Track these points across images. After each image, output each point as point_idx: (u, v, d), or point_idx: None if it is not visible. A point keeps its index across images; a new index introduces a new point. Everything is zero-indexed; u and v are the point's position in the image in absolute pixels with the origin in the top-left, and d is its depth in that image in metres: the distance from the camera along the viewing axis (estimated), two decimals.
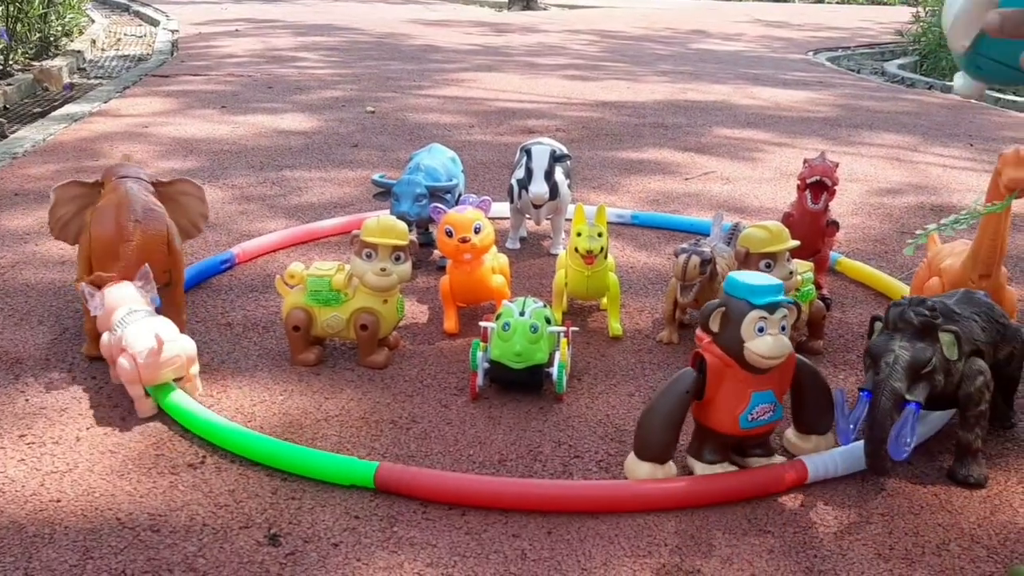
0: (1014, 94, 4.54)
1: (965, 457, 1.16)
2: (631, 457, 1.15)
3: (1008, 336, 1.20)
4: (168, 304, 1.47)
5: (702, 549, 1.06)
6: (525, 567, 1.02)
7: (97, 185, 1.51)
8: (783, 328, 1.11)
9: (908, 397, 1.08)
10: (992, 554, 1.06)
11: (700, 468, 1.16)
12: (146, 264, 1.39)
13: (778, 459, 1.19)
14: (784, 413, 1.19)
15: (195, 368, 1.35)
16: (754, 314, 1.09)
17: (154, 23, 6.71)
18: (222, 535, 1.06)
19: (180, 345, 1.31)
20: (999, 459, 1.25)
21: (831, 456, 1.17)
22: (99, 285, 1.37)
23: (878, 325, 1.15)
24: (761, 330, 1.09)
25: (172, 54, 5.07)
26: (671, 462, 1.15)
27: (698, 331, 1.15)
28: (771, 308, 1.09)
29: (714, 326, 1.11)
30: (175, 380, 1.32)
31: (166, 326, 1.32)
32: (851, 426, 1.11)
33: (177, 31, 6.04)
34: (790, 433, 1.24)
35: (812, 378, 1.18)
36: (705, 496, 1.13)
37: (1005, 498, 1.17)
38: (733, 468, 1.17)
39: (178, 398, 1.30)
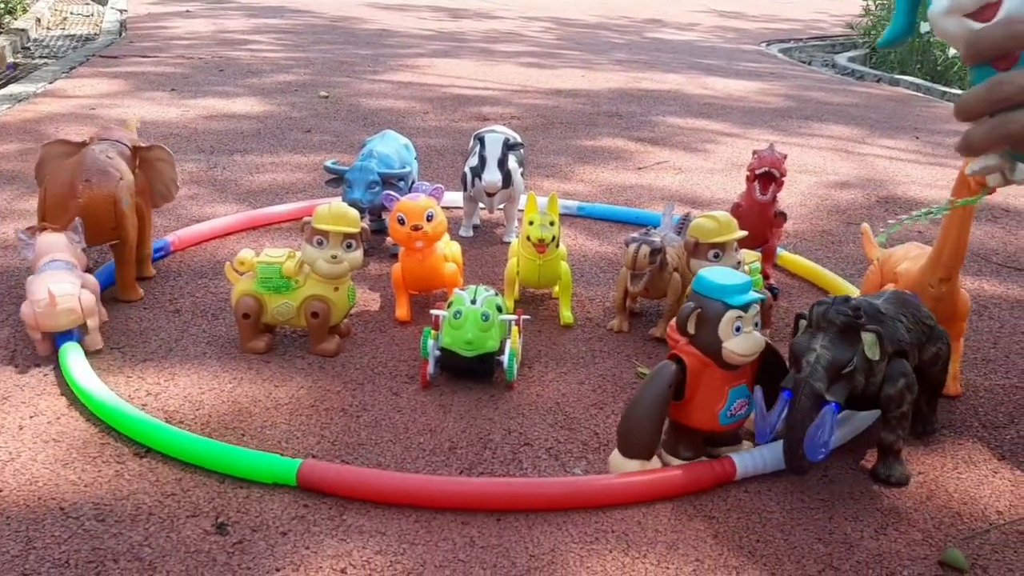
0: (959, 88, 4.64)
1: (887, 457, 1.18)
2: (615, 454, 1.15)
3: (934, 337, 1.22)
4: (118, 261, 1.61)
5: (648, 535, 1.07)
6: (474, 554, 1.03)
7: (82, 145, 1.60)
8: (756, 324, 1.12)
9: (828, 397, 1.08)
10: (927, 537, 1.09)
11: (676, 464, 1.18)
12: (78, 218, 1.49)
13: (746, 444, 1.22)
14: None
15: (93, 321, 1.42)
16: (731, 314, 1.10)
17: (102, 2, 6.56)
18: (168, 524, 1.06)
19: (75, 298, 1.38)
20: (935, 444, 1.29)
21: (759, 453, 1.18)
22: (50, 228, 1.48)
23: (802, 323, 1.15)
24: (738, 329, 1.10)
25: (120, 34, 4.97)
26: (656, 457, 1.16)
27: (670, 332, 1.17)
28: (746, 307, 1.10)
29: (691, 328, 1.12)
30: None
31: (67, 279, 1.40)
32: (769, 428, 1.12)
33: (126, 11, 5.91)
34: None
35: (773, 356, 1.20)
36: (625, 495, 1.13)
37: (940, 483, 1.20)
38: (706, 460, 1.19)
39: (92, 385, 1.28)
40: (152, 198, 1.71)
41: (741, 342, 1.11)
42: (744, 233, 1.50)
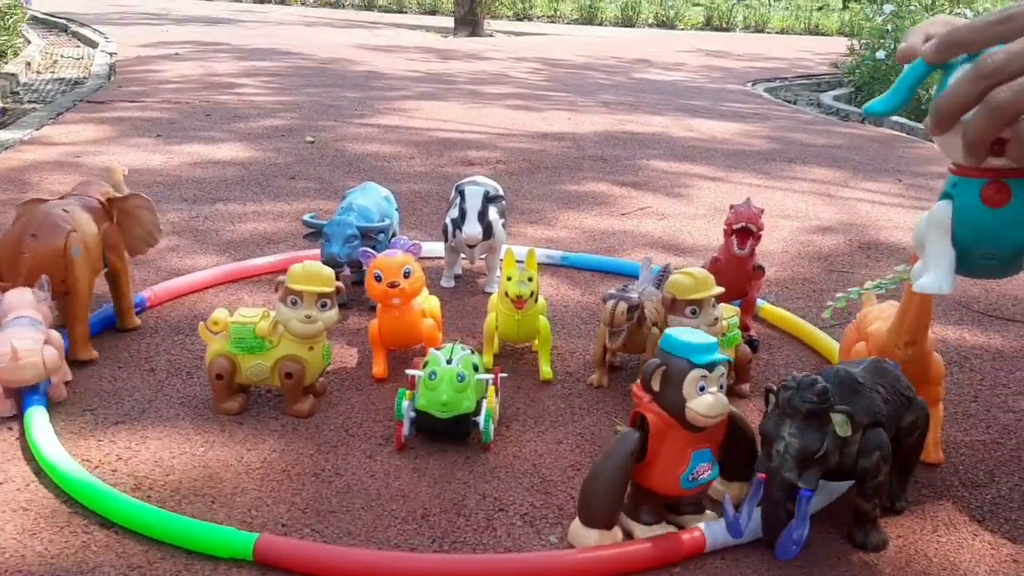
0: None
1: (864, 524, 1.17)
2: (576, 524, 1.13)
3: (912, 408, 1.21)
4: (68, 317, 1.58)
5: None
6: None
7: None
8: (721, 386, 1.11)
9: (800, 484, 1.07)
10: None
11: (640, 530, 1.15)
12: (44, 275, 1.49)
13: (709, 515, 1.19)
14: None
15: (56, 378, 1.44)
16: (695, 373, 1.08)
17: (92, 44, 6.61)
18: None
19: (38, 353, 1.38)
20: (915, 506, 1.27)
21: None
22: (13, 285, 1.48)
23: (771, 398, 1.13)
24: (702, 389, 1.09)
25: (109, 78, 5.00)
26: (617, 528, 1.14)
27: (635, 389, 1.14)
28: (710, 366, 1.09)
29: (655, 385, 1.10)
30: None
31: (30, 335, 1.39)
32: (741, 522, 1.10)
33: (115, 54, 5.95)
34: (715, 481, 1.24)
35: (739, 428, 1.18)
36: (593, 570, 1.10)
37: (919, 547, 1.19)
38: (671, 528, 1.16)
39: (52, 453, 1.27)
40: (134, 246, 1.72)
41: (705, 402, 1.09)
42: (721, 289, 1.49)
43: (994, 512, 1.27)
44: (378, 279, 1.54)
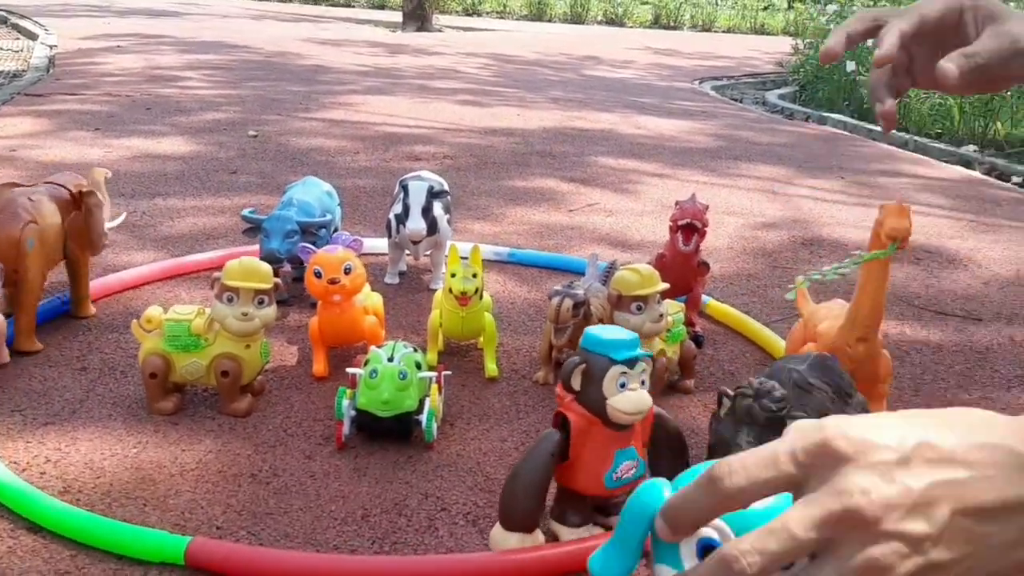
0: None
1: None
2: (497, 528, 1.10)
3: (852, 406, 1.21)
4: (16, 307, 1.56)
5: None
6: None
7: (14, 186, 1.60)
8: (643, 382, 1.09)
9: None
10: None
11: (566, 532, 1.13)
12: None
13: None
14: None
15: None
16: (615, 369, 1.06)
17: (32, 37, 6.43)
18: None
19: None
20: None
21: None
22: None
23: (726, 401, 1.12)
24: (623, 385, 1.07)
25: (49, 71, 4.86)
26: (539, 530, 1.11)
27: (558, 389, 1.12)
28: (631, 363, 1.07)
29: (575, 384, 1.08)
30: None
31: None
32: None
33: (55, 46, 5.79)
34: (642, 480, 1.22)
35: (668, 432, 1.17)
36: (521, 571, 1.08)
37: None
38: (598, 530, 1.14)
39: None
40: (91, 244, 1.70)
41: (626, 399, 1.07)
42: (666, 286, 1.49)
43: None
44: (318, 275, 1.51)
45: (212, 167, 2.91)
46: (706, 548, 0.70)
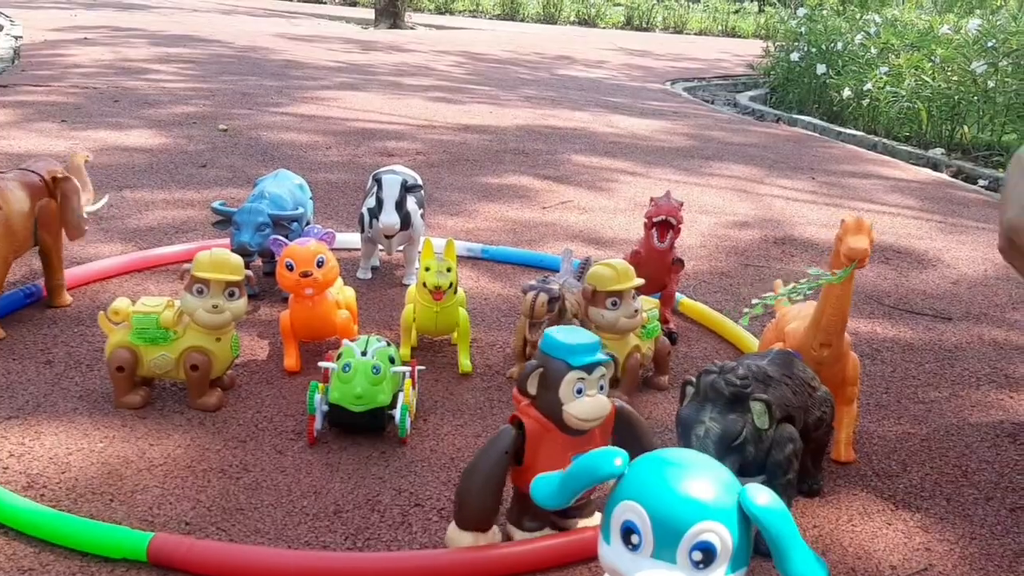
0: (855, 128, 4.80)
1: None
2: (452, 527, 1.08)
3: (818, 400, 1.20)
4: None
5: None
6: None
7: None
8: (601, 387, 1.07)
9: None
10: None
11: (519, 535, 1.12)
12: None
13: (597, 516, 1.15)
14: None
15: None
16: (572, 375, 1.04)
17: None
18: None
19: None
20: (831, 496, 1.28)
21: None
22: None
23: (690, 390, 1.11)
24: (580, 391, 1.05)
25: (13, 62, 4.77)
26: (495, 528, 1.10)
27: (514, 392, 1.10)
28: (589, 368, 1.05)
29: (531, 388, 1.06)
30: None
31: None
32: None
33: (21, 37, 5.69)
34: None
35: (629, 426, 1.14)
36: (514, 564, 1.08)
37: (835, 537, 1.19)
38: (553, 532, 1.13)
39: None
40: (69, 230, 1.68)
41: (582, 405, 1.05)
42: (641, 281, 1.48)
43: (906, 501, 1.29)
44: (290, 268, 1.49)
45: (181, 160, 2.87)
46: (627, 530, 0.76)
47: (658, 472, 0.77)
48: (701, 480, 0.76)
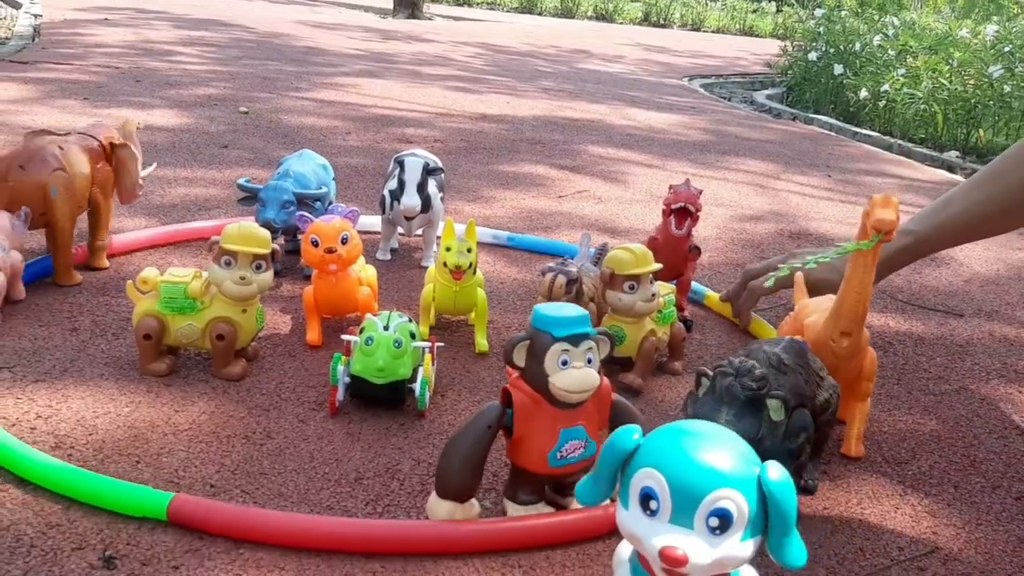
0: (871, 129, 4.81)
1: None
2: (432, 496, 1.10)
3: (825, 386, 1.20)
4: (51, 247, 1.69)
5: (555, 570, 1.06)
6: None
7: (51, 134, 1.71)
8: (589, 360, 1.08)
9: None
10: (831, 572, 1.10)
11: (513, 509, 1.14)
12: (24, 207, 1.59)
13: None
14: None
15: None
16: (557, 347, 1.05)
17: (16, 6, 6.36)
18: (51, 557, 1.00)
19: None
20: (842, 480, 1.31)
21: None
22: None
23: (705, 382, 1.10)
24: (565, 363, 1.06)
25: (34, 40, 4.82)
26: (473, 501, 1.11)
27: (508, 366, 1.11)
28: (575, 340, 1.06)
29: (519, 360, 1.08)
30: None
31: None
32: None
33: (40, 16, 5.74)
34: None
35: (626, 417, 1.15)
36: (519, 539, 1.10)
37: (845, 519, 1.22)
38: (549, 508, 1.14)
39: None
40: (123, 194, 1.80)
41: (567, 377, 1.06)
42: (660, 266, 1.51)
43: (915, 487, 1.31)
44: (315, 244, 1.51)
45: (203, 140, 2.90)
46: (645, 496, 0.77)
47: (677, 441, 0.79)
48: (720, 449, 0.78)
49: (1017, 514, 1.26)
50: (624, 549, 0.90)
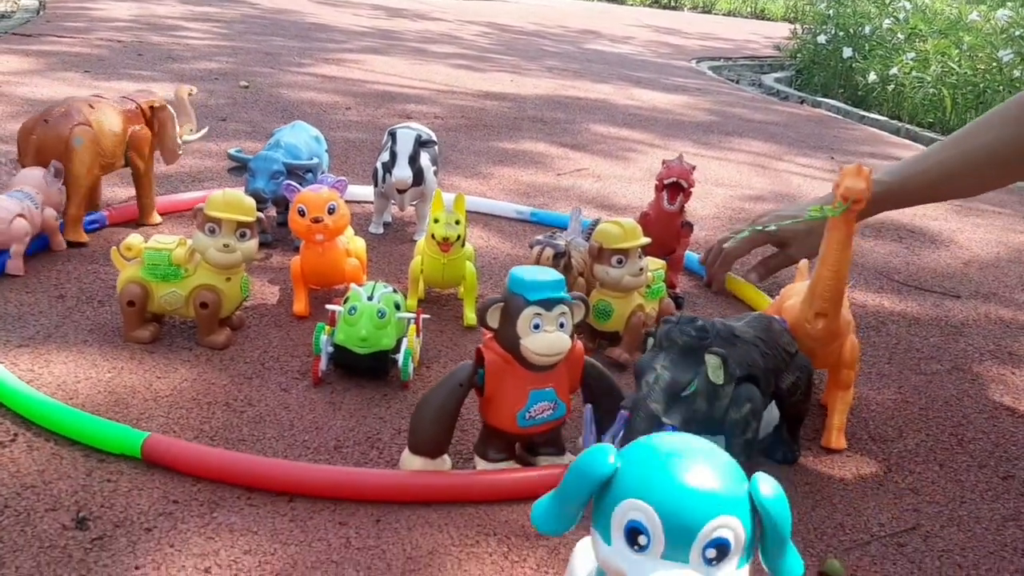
0: (879, 113, 4.77)
1: None
2: (405, 451, 1.12)
3: (794, 366, 1.17)
4: (67, 198, 1.71)
5: (529, 540, 1.05)
6: (348, 555, 1.00)
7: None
8: (562, 325, 1.09)
9: (665, 420, 1.04)
10: (809, 547, 1.09)
11: (483, 466, 1.16)
12: (55, 161, 1.65)
13: (568, 457, 1.17)
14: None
15: (17, 248, 1.57)
16: (529, 311, 1.07)
17: None
18: (24, 518, 1.00)
19: (5, 223, 1.54)
20: (824, 456, 1.30)
21: None
22: (23, 165, 1.67)
23: (651, 341, 1.10)
24: (537, 327, 1.07)
25: (38, 12, 4.80)
26: (446, 456, 1.13)
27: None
28: (548, 304, 1.07)
29: (492, 322, 1.09)
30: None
31: (5, 206, 1.54)
32: (606, 441, 1.08)
33: None
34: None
35: (599, 380, 1.17)
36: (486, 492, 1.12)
37: (826, 495, 1.21)
38: (515, 466, 1.16)
39: None
40: (164, 154, 1.88)
41: (538, 340, 1.07)
42: (648, 240, 1.49)
43: (900, 464, 1.30)
44: (301, 213, 1.50)
45: (201, 113, 2.88)
46: (632, 530, 0.69)
47: (662, 465, 0.71)
48: (710, 471, 0.71)
49: (1003, 493, 1.25)
50: (580, 561, 0.83)
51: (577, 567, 0.83)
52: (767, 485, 0.72)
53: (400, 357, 1.35)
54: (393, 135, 1.86)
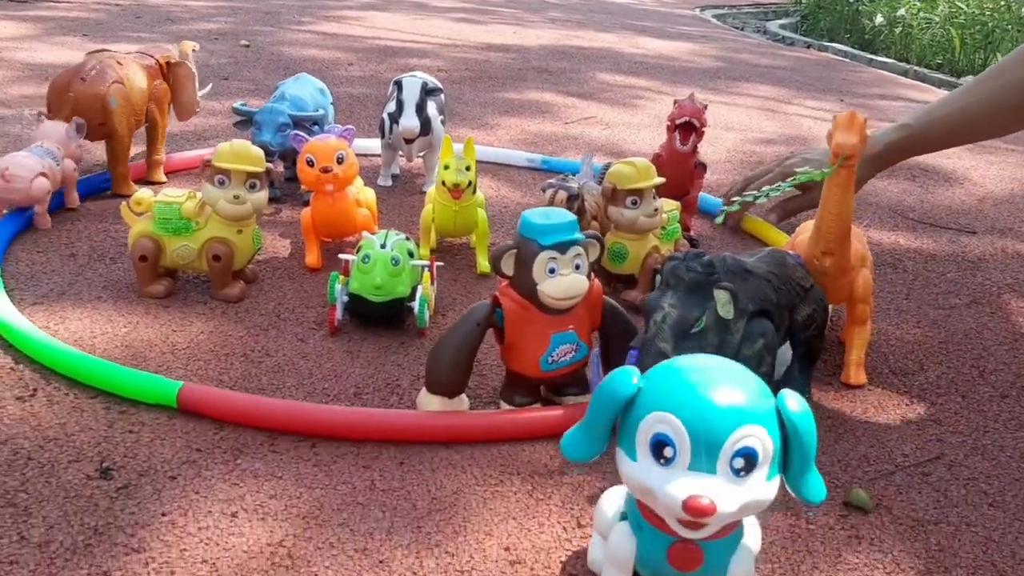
0: (886, 56, 4.70)
1: None
2: (423, 391, 1.12)
3: (809, 299, 1.15)
4: (109, 157, 1.76)
5: (554, 477, 1.05)
6: (373, 497, 0.99)
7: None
8: (577, 266, 1.07)
9: (673, 357, 1.02)
10: (834, 480, 1.09)
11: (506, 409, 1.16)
12: (78, 118, 1.65)
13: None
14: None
15: (41, 207, 1.59)
16: (544, 255, 1.05)
17: None
18: (49, 470, 1.00)
19: (26, 181, 1.53)
20: (847, 391, 1.29)
21: None
22: (50, 118, 1.66)
23: (659, 278, 1.08)
24: (552, 271, 1.06)
25: None
26: (463, 396, 1.13)
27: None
28: (562, 248, 1.05)
29: (507, 269, 1.08)
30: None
31: (29, 163, 1.54)
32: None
33: None
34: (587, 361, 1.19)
35: (616, 319, 1.16)
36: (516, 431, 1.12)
37: (849, 427, 1.20)
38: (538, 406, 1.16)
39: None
40: (180, 111, 1.92)
41: (555, 284, 1.06)
42: (662, 180, 1.48)
43: (921, 396, 1.29)
44: (310, 163, 1.49)
45: (203, 73, 2.84)
46: (658, 443, 0.71)
47: (686, 379, 0.72)
48: (734, 383, 0.72)
49: None
50: (608, 505, 0.84)
51: (605, 506, 0.84)
52: (794, 400, 0.72)
53: (416, 305, 1.34)
54: (399, 84, 1.84)
